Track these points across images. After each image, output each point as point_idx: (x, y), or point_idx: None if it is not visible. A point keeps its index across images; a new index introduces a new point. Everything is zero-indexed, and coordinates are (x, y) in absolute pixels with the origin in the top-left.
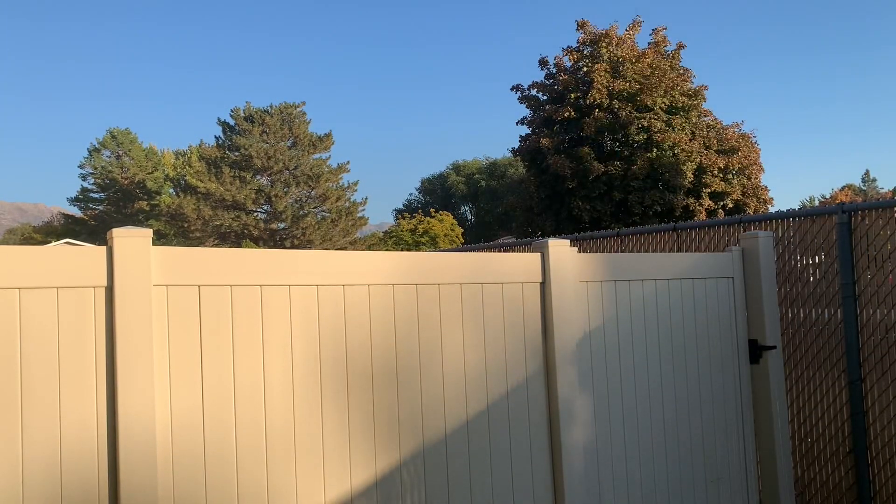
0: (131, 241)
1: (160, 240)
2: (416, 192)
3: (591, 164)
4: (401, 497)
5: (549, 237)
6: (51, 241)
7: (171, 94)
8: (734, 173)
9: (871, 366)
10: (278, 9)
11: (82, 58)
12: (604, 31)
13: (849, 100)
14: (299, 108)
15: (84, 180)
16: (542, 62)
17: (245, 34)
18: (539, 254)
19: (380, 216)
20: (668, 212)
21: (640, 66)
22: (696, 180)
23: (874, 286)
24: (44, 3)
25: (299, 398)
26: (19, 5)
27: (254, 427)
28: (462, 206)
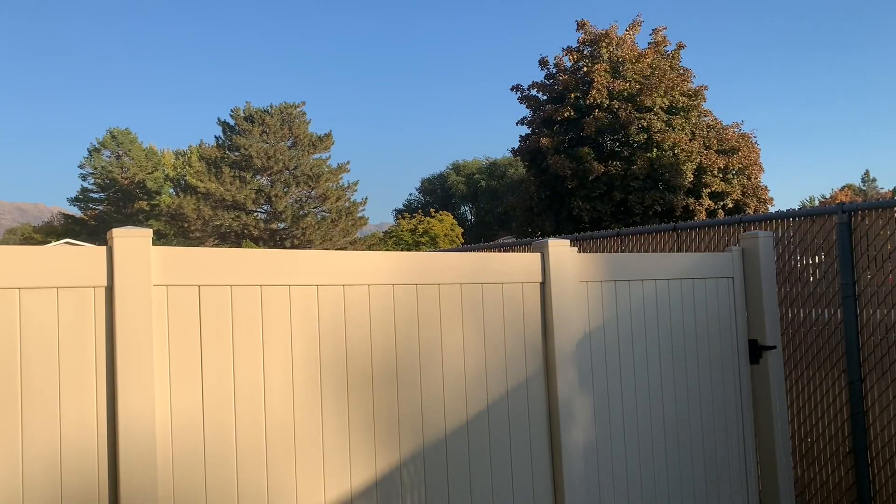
0: (131, 241)
1: (160, 240)
2: (416, 192)
3: (591, 164)
4: (401, 497)
5: (549, 237)
6: (51, 241)
7: (171, 94)
8: (734, 173)
9: (871, 366)
10: (278, 9)
11: (82, 58)
12: (604, 32)
13: (849, 100)
14: (299, 108)
15: (84, 180)
16: (542, 62)
17: (245, 34)
18: (539, 254)
19: (380, 216)
20: (668, 212)
21: (640, 66)
22: (696, 180)
23: (874, 286)
24: (44, 3)
25: (299, 398)
26: (19, 5)
27: (254, 427)
28: (462, 206)
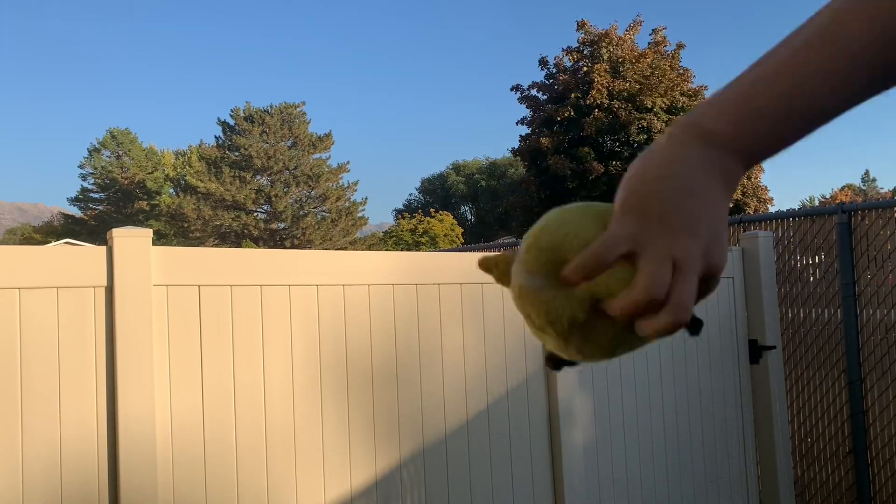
0: (131, 241)
1: (160, 240)
2: (416, 192)
3: (591, 164)
4: (401, 497)
5: None
6: (51, 241)
7: (171, 94)
8: None
9: (871, 366)
10: (278, 9)
11: (82, 58)
12: (604, 32)
13: None
14: (299, 108)
15: (84, 180)
16: (542, 62)
17: (245, 34)
18: None
19: (380, 216)
20: None
21: (640, 66)
22: None
23: (874, 286)
24: (44, 4)
25: (299, 398)
26: (19, 5)
27: (254, 427)
28: (462, 206)
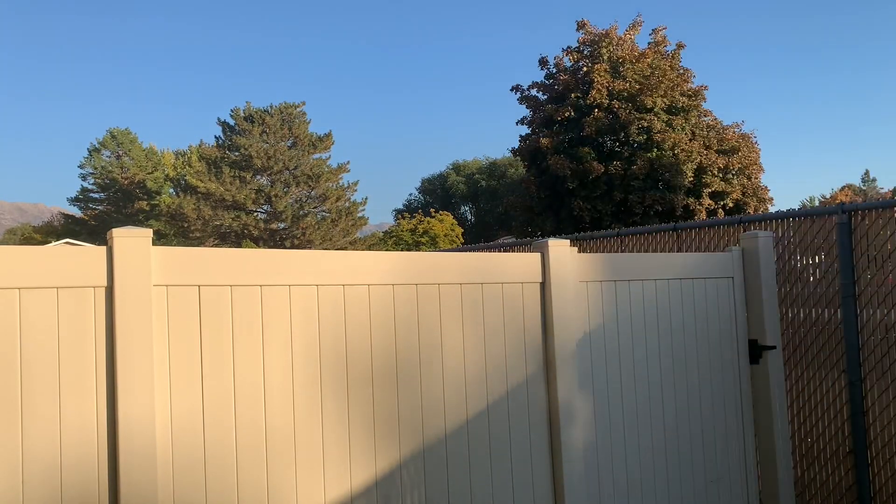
0: (131, 241)
1: (160, 240)
2: (416, 192)
3: (591, 164)
4: (401, 497)
5: (549, 237)
6: (51, 241)
7: (171, 94)
8: (734, 173)
9: (871, 366)
10: (278, 9)
11: (82, 58)
12: (604, 32)
13: (849, 99)
14: (299, 108)
15: (84, 180)
16: (542, 62)
17: (245, 34)
18: (539, 254)
19: (380, 216)
20: (668, 212)
21: (640, 66)
22: (696, 180)
23: (874, 286)
24: (44, 3)
25: (299, 398)
26: (19, 5)
27: (254, 427)
28: (462, 206)
